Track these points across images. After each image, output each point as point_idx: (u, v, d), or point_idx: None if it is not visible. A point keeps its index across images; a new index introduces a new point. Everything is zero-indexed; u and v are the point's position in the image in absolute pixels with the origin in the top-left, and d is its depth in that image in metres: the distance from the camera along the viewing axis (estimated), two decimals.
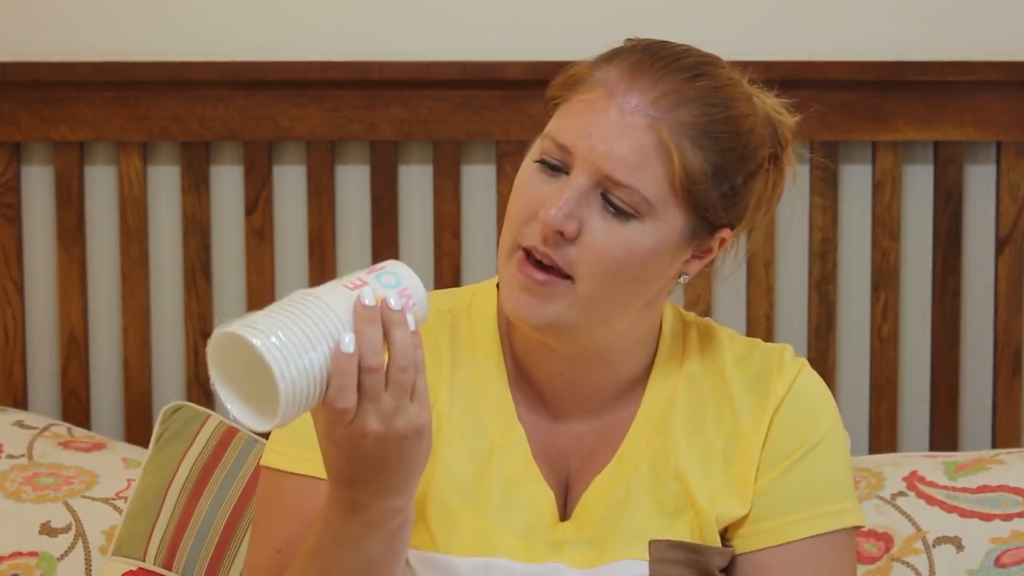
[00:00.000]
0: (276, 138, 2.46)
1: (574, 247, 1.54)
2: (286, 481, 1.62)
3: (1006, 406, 2.49)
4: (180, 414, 2.25)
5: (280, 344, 1.33)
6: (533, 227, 1.54)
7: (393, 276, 1.42)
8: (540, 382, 1.65)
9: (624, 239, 1.54)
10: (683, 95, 1.55)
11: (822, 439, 1.65)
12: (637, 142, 1.53)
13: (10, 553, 2.16)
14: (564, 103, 1.58)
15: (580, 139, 1.54)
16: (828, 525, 1.63)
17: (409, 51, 2.46)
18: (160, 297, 2.50)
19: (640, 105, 1.54)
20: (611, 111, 1.54)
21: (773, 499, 1.62)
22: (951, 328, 2.50)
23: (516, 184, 1.58)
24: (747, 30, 2.49)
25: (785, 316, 2.51)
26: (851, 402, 2.52)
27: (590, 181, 1.54)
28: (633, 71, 1.55)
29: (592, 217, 1.54)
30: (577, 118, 1.55)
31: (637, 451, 1.63)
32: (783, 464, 1.63)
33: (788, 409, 1.65)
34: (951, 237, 2.49)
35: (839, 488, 1.66)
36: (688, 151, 1.54)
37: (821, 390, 1.69)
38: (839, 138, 2.46)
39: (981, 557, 2.13)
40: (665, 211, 1.55)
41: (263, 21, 2.49)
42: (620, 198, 1.53)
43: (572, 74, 1.59)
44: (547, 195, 1.54)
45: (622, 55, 1.58)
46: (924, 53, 2.47)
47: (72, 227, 2.47)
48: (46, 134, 2.45)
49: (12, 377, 2.49)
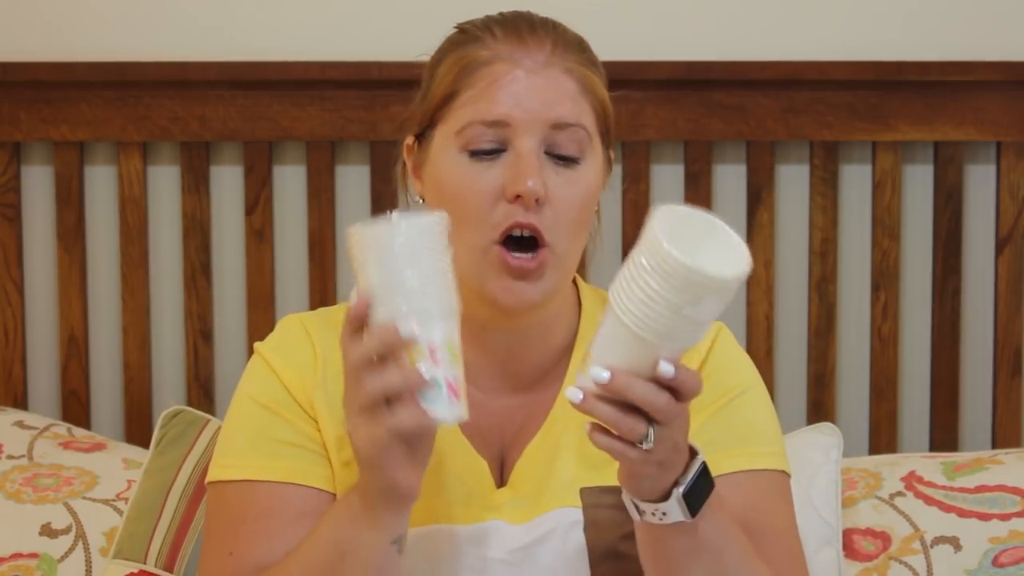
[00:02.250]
0: (276, 138, 2.46)
1: (546, 210, 1.60)
2: (228, 489, 1.67)
3: (1006, 406, 2.49)
4: (180, 418, 2.25)
5: None
6: (499, 212, 1.60)
7: None
8: (471, 366, 1.65)
9: (579, 184, 1.63)
10: (564, 40, 1.65)
11: (746, 389, 1.71)
12: (564, 87, 1.62)
13: (10, 554, 2.16)
14: (463, 92, 1.62)
15: (513, 108, 1.60)
16: (759, 463, 1.68)
17: (409, 51, 2.45)
18: (160, 297, 2.51)
19: (545, 60, 1.62)
20: (525, 74, 1.61)
21: (702, 439, 1.65)
22: (951, 328, 2.50)
23: (451, 183, 1.62)
24: (747, 30, 2.49)
25: (785, 316, 2.51)
26: (851, 402, 2.52)
27: (537, 140, 1.60)
28: (517, 36, 1.64)
29: (549, 176, 1.61)
30: (498, 93, 1.60)
31: (565, 416, 1.67)
32: (709, 410, 1.68)
33: (711, 363, 1.71)
34: (951, 237, 2.49)
35: (767, 435, 1.70)
36: (598, 82, 1.65)
37: (739, 349, 1.76)
38: (839, 138, 2.46)
39: (979, 557, 2.13)
40: (596, 142, 1.64)
41: (263, 21, 2.49)
42: (565, 144, 1.61)
43: (458, 68, 1.63)
44: (496, 178, 1.60)
45: (486, 30, 1.65)
46: (924, 53, 2.47)
47: (72, 227, 2.48)
48: (46, 134, 2.46)
49: (12, 377, 2.49)
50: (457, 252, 1.59)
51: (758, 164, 2.47)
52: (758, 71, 2.44)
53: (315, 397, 1.67)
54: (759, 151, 2.47)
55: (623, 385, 1.41)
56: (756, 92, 2.44)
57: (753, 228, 2.47)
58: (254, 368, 1.72)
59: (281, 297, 2.50)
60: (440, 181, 1.63)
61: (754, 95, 2.44)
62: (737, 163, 2.49)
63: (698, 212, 1.44)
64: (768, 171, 2.47)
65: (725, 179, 2.50)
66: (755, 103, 2.44)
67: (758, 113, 2.45)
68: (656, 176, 2.49)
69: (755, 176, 2.47)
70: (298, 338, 1.72)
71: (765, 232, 2.47)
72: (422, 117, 1.67)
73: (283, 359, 1.70)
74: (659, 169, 2.49)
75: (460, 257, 1.59)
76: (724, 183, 2.50)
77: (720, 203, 2.49)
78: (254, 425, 1.68)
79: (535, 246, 1.61)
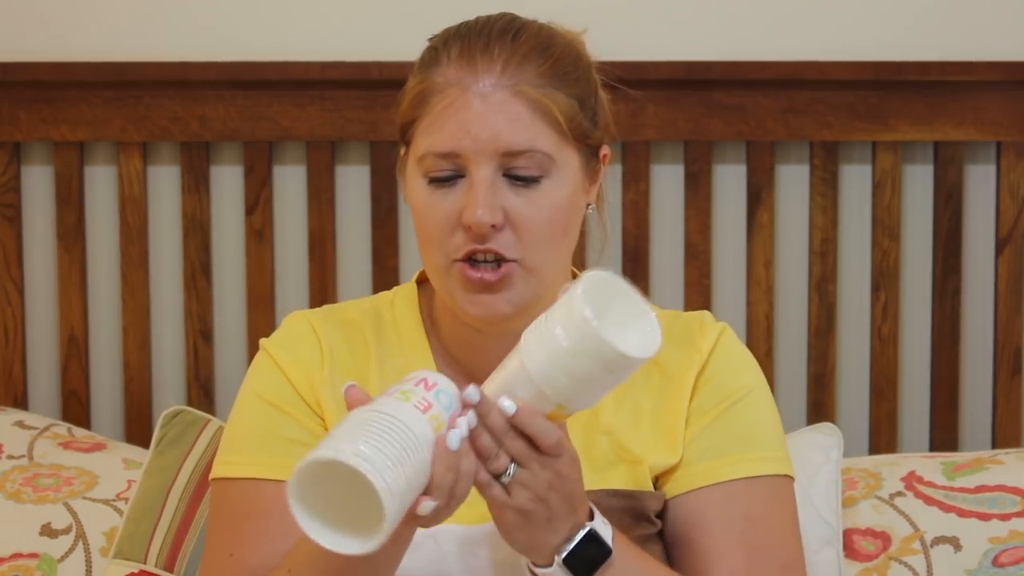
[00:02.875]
0: (276, 138, 2.46)
1: (506, 232, 1.59)
2: (232, 487, 1.66)
3: (1006, 406, 2.49)
4: (180, 418, 2.25)
5: (382, 468, 1.36)
6: (458, 238, 1.60)
7: (447, 396, 1.44)
8: (473, 369, 1.67)
9: (543, 202, 1.60)
10: (520, 54, 1.61)
11: (749, 392, 1.69)
12: (513, 112, 1.59)
13: (10, 555, 2.16)
14: (422, 119, 1.61)
15: (462, 139, 1.59)
16: (760, 469, 1.66)
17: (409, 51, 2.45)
18: (160, 297, 2.51)
19: (494, 82, 1.59)
20: (474, 101, 1.59)
21: (704, 444, 1.65)
22: (951, 328, 2.50)
23: (416, 208, 1.63)
24: (747, 30, 2.49)
25: (785, 316, 2.51)
26: (851, 402, 2.52)
27: (490, 168, 1.59)
28: (468, 58, 1.61)
29: (508, 198, 1.59)
30: (448, 123, 1.59)
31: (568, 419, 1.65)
32: (711, 414, 1.67)
33: (713, 366, 1.69)
34: (951, 237, 2.49)
35: (769, 438, 1.69)
36: (556, 96, 1.61)
37: (743, 350, 1.74)
38: (839, 138, 2.46)
39: (979, 557, 2.13)
40: (563, 156, 1.62)
41: (263, 21, 2.49)
42: (523, 167, 1.59)
43: (415, 94, 1.63)
44: (454, 204, 1.59)
45: (444, 50, 1.63)
46: (924, 53, 2.47)
47: (72, 227, 2.48)
48: (46, 134, 2.46)
49: (12, 377, 2.49)
50: (427, 270, 1.64)
51: (758, 164, 2.47)
52: (758, 71, 2.44)
53: (322, 394, 1.67)
54: (759, 151, 2.47)
55: (483, 411, 1.43)
56: (756, 92, 2.44)
57: (753, 228, 2.47)
58: (260, 364, 1.72)
59: (281, 297, 2.50)
60: (410, 202, 1.65)
61: (754, 95, 2.44)
62: (737, 163, 2.49)
63: (624, 285, 1.45)
64: (768, 171, 2.47)
65: (725, 179, 2.50)
66: (755, 103, 2.44)
67: (758, 113, 2.45)
68: (656, 176, 2.49)
69: (755, 176, 2.47)
70: (304, 335, 1.72)
71: (765, 232, 2.47)
72: (399, 134, 1.67)
73: (289, 356, 1.70)
74: (659, 169, 2.49)
75: (430, 275, 1.65)
76: (724, 183, 2.50)
77: (720, 203, 2.49)
78: (260, 422, 1.67)
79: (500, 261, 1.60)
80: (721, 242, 2.50)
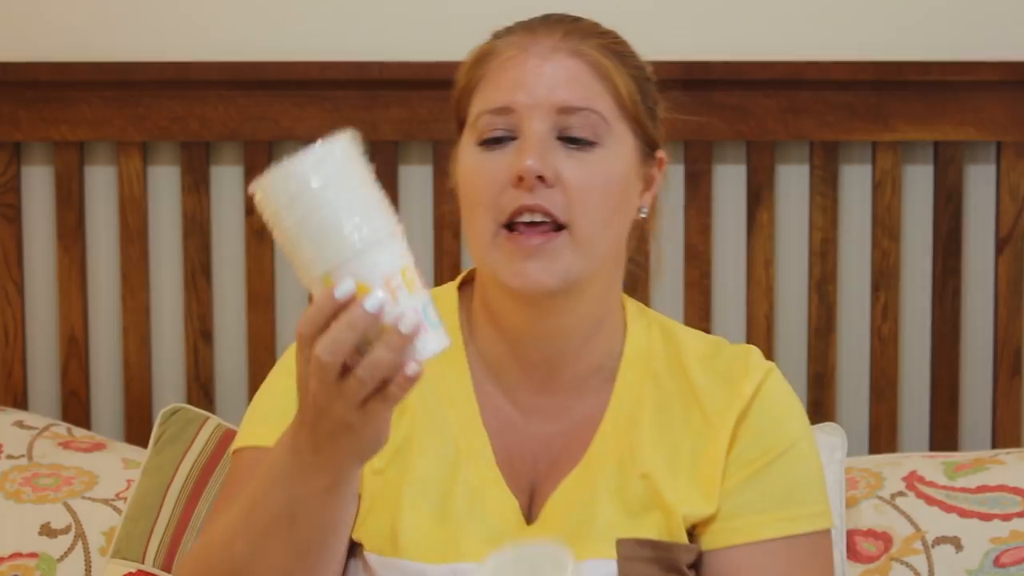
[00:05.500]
0: (276, 138, 2.46)
1: (557, 191, 1.55)
2: (245, 455, 1.62)
3: (1006, 406, 2.49)
4: (178, 416, 2.25)
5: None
6: (506, 197, 1.55)
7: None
8: (511, 383, 1.63)
9: (597, 168, 1.57)
10: (582, 30, 1.61)
11: (792, 445, 1.63)
12: (572, 70, 1.57)
13: (10, 554, 2.16)
14: (480, 82, 1.60)
15: (517, 93, 1.56)
16: (800, 528, 1.62)
17: (409, 51, 2.46)
18: (160, 297, 2.51)
19: (554, 45, 1.58)
20: (531, 59, 1.58)
21: (743, 499, 1.61)
22: (951, 328, 2.50)
23: (466, 175, 1.59)
24: (747, 30, 2.49)
25: (785, 316, 2.51)
26: (851, 402, 2.52)
27: (545, 125, 1.56)
28: (530, 28, 1.61)
29: (560, 160, 1.56)
30: (503, 80, 1.57)
31: (605, 452, 1.62)
32: (751, 468, 1.62)
33: (755, 414, 1.63)
34: (951, 237, 2.49)
35: (810, 492, 1.64)
36: (616, 68, 1.60)
37: (789, 395, 1.67)
38: (839, 138, 2.46)
39: (980, 557, 2.13)
40: (619, 128, 1.59)
41: (263, 21, 2.49)
42: (578, 127, 1.56)
43: (475, 57, 1.61)
44: (505, 164, 1.56)
45: (509, 29, 1.63)
46: (924, 53, 2.47)
47: (72, 227, 2.47)
48: (46, 134, 2.45)
49: (12, 377, 2.49)
50: (472, 245, 1.58)
51: (758, 164, 2.47)
52: (758, 71, 2.44)
53: None
54: (759, 151, 2.47)
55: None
56: (756, 92, 2.44)
57: (753, 228, 2.47)
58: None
59: (281, 297, 2.50)
60: (461, 175, 1.60)
61: (754, 95, 2.44)
62: (737, 163, 2.49)
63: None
64: (768, 171, 2.47)
65: (725, 179, 2.50)
66: (755, 103, 2.44)
67: (758, 113, 2.45)
68: None
69: (755, 176, 2.47)
70: None
71: (765, 232, 2.47)
72: (456, 120, 1.64)
73: None
74: None
75: (474, 251, 1.58)
76: (724, 183, 2.50)
77: (720, 203, 2.49)
78: (287, 396, 1.56)
79: (549, 227, 1.55)
80: (721, 242, 2.50)
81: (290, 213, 1.31)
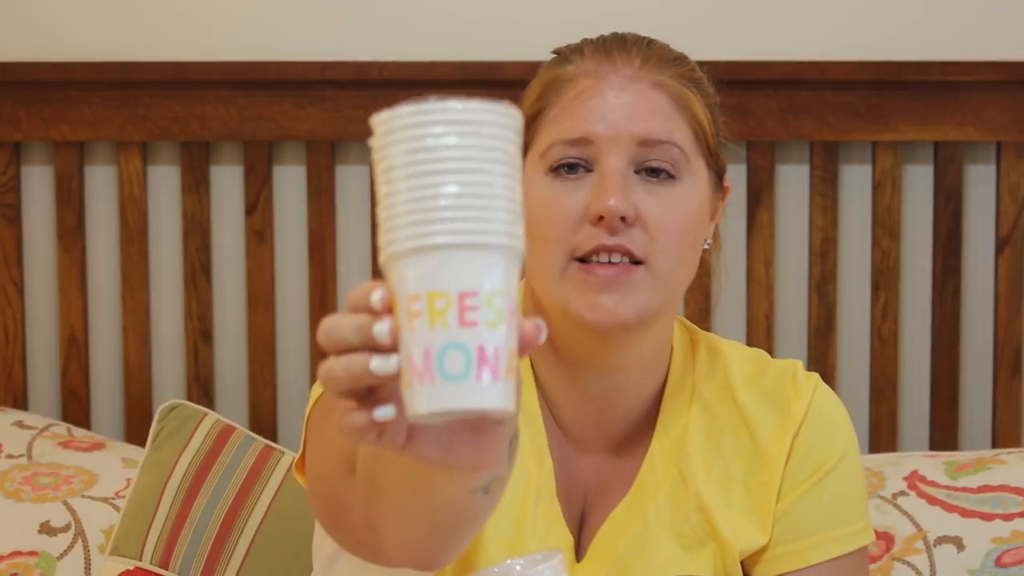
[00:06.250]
0: (276, 138, 2.46)
1: (636, 230, 1.49)
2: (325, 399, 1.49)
3: (1006, 406, 2.49)
4: (177, 412, 2.25)
5: None
6: (583, 234, 1.49)
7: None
8: (567, 414, 1.59)
9: (676, 203, 1.51)
10: (658, 56, 1.55)
11: (841, 459, 1.62)
12: (653, 102, 1.51)
13: (9, 552, 2.16)
14: (547, 110, 1.53)
15: (597, 124, 1.50)
16: (845, 547, 1.60)
17: (409, 51, 2.46)
18: (160, 297, 2.50)
19: (633, 74, 1.52)
20: (610, 90, 1.51)
21: (792, 523, 1.59)
22: (951, 328, 2.50)
23: (533, 207, 1.48)
24: (747, 30, 2.49)
25: (785, 316, 2.51)
26: (851, 402, 2.51)
27: (624, 159, 1.50)
28: (605, 53, 1.54)
29: (639, 195, 1.49)
30: (580, 110, 1.51)
31: (654, 482, 1.59)
32: (803, 486, 1.60)
33: (808, 431, 1.61)
34: (951, 237, 2.49)
35: (855, 508, 1.62)
36: (696, 99, 1.54)
37: (838, 407, 1.66)
38: (839, 138, 2.46)
39: (982, 557, 2.13)
40: (696, 162, 1.53)
41: (263, 21, 2.49)
42: (658, 160, 1.50)
43: (547, 81, 1.55)
44: (580, 199, 1.49)
45: (575, 51, 1.56)
46: (924, 53, 2.47)
47: (72, 227, 2.47)
48: (46, 134, 2.45)
49: (12, 377, 2.49)
50: (537, 278, 1.51)
51: (758, 164, 2.47)
52: (758, 71, 2.44)
53: None
54: (759, 151, 2.47)
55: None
56: (756, 92, 2.44)
57: (753, 228, 2.47)
58: None
59: (281, 297, 2.50)
60: (528, 205, 1.44)
61: (754, 95, 2.44)
62: (737, 163, 2.49)
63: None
64: (768, 171, 2.47)
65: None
66: (755, 103, 2.44)
67: (758, 113, 2.45)
68: None
69: (755, 176, 2.47)
70: None
71: (765, 232, 2.47)
72: None
73: None
74: None
75: (540, 284, 1.51)
76: None
77: None
78: None
79: (627, 261, 1.49)
80: (721, 242, 2.50)
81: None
